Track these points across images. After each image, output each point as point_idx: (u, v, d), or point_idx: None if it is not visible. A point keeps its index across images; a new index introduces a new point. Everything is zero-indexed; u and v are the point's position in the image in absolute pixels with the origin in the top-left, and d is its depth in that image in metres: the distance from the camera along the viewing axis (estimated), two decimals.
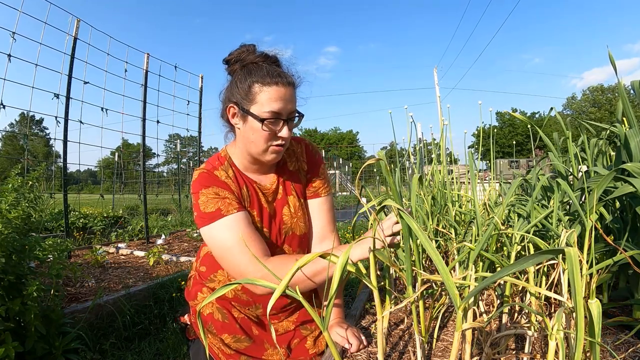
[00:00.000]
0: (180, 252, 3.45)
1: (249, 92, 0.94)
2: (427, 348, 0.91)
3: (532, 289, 0.74)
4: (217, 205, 0.93)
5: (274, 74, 0.94)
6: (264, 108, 0.92)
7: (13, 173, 1.52)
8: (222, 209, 0.93)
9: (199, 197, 0.95)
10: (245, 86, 0.94)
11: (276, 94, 0.92)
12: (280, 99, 0.93)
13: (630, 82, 1.12)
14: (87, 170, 22.46)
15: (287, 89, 0.94)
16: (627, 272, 1.09)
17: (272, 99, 0.92)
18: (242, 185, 1.03)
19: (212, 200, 0.94)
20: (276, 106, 0.92)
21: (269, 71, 0.94)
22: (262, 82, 0.93)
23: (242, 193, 1.01)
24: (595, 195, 0.86)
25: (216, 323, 1.05)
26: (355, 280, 2.60)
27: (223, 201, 0.94)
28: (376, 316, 0.79)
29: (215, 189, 0.96)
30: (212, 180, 0.97)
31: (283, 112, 0.94)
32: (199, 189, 0.96)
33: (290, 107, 0.95)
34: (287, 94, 0.94)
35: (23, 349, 1.27)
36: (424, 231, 0.72)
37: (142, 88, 3.97)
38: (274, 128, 0.94)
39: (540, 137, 1.31)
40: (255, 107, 0.93)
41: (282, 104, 0.93)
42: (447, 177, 1.54)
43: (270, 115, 0.92)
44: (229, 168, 1.03)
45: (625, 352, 0.85)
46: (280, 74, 0.95)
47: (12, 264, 1.30)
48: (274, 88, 0.92)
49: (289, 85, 0.95)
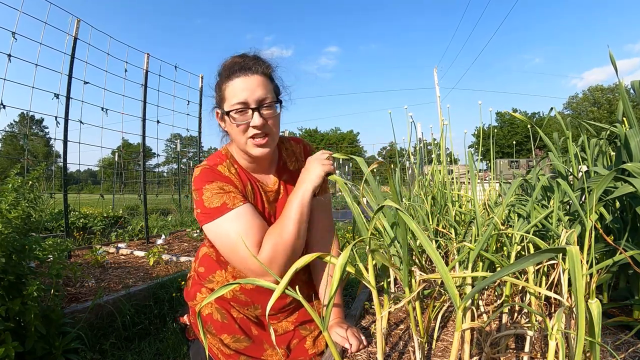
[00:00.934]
0: (180, 252, 3.45)
1: (220, 93, 0.99)
2: (427, 348, 0.91)
3: (532, 289, 0.74)
4: (223, 199, 0.93)
5: (235, 68, 0.96)
6: (230, 101, 0.95)
7: (13, 173, 1.52)
8: (228, 202, 0.93)
9: (203, 193, 0.95)
10: (217, 88, 1.00)
11: (239, 84, 0.94)
12: (244, 88, 0.94)
13: (631, 82, 1.12)
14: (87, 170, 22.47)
15: (250, 77, 0.95)
16: (627, 272, 1.09)
17: (235, 89, 0.94)
18: (245, 183, 1.03)
19: (217, 195, 0.93)
20: (241, 95, 0.93)
21: (231, 67, 0.97)
22: (226, 79, 0.97)
23: (246, 190, 1.01)
24: (595, 195, 0.86)
25: (215, 323, 1.05)
26: (356, 280, 2.60)
27: (228, 195, 0.94)
28: (376, 316, 0.79)
29: (219, 183, 0.96)
30: (215, 175, 0.97)
31: (249, 100, 0.94)
32: (202, 185, 0.96)
33: (258, 94, 0.94)
34: (252, 83, 0.95)
35: (23, 349, 1.27)
36: (424, 231, 0.72)
37: (142, 88, 3.97)
38: (242, 119, 0.95)
39: (540, 137, 1.31)
40: (226, 104, 0.96)
41: (247, 92, 0.94)
42: (447, 177, 1.54)
43: (236, 107, 0.94)
44: (231, 165, 1.03)
45: (625, 352, 0.85)
46: (244, 66, 0.96)
47: (12, 264, 1.30)
48: (235, 80, 0.95)
49: (254, 74, 0.96)
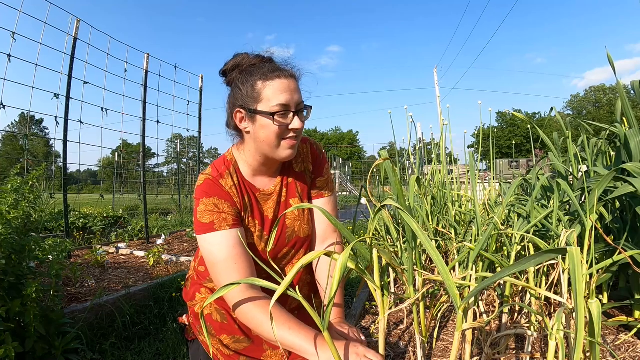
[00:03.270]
0: (180, 252, 3.45)
1: (253, 92, 0.94)
2: (427, 348, 0.91)
3: (532, 290, 0.74)
4: (212, 218, 0.94)
5: (274, 68, 0.95)
6: (271, 102, 0.92)
7: (13, 173, 1.52)
8: (216, 223, 0.93)
9: (199, 205, 0.96)
10: (249, 87, 0.94)
11: (281, 86, 0.93)
12: (286, 90, 0.93)
13: (630, 82, 1.12)
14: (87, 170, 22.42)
15: (290, 80, 0.94)
16: (627, 272, 1.09)
17: (278, 91, 0.92)
18: (244, 194, 1.02)
19: (208, 212, 0.94)
20: (283, 98, 0.92)
21: (269, 67, 0.95)
22: (264, 78, 0.93)
23: (243, 202, 1.01)
24: (595, 195, 0.86)
25: (215, 324, 1.05)
26: (355, 280, 2.60)
27: (219, 215, 0.94)
28: (376, 316, 0.79)
29: (216, 200, 0.95)
30: (215, 189, 0.97)
31: (291, 103, 0.93)
32: (201, 196, 0.97)
33: (297, 97, 0.95)
34: (292, 85, 0.94)
35: (23, 349, 1.27)
36: (424, 231, 0.72)
37: (142, 88, 3.97)
38: (285, 121, 0.94)
39: (540, 138, 1.31)
40: (263, 104, 0.93)
41: (289, 95, 0.93)
42: (447, 177, 1.54)
43: (279, 108, 0.92)
44: (234, 174, 1.02)
45: (625, 352, 0.85)
46: (280, 67, 0.96)
47: (12, 264, 1.30)
48: (277, 81, 0.93)
49: (292, 77, 0.95)
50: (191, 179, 9.66)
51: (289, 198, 1.08)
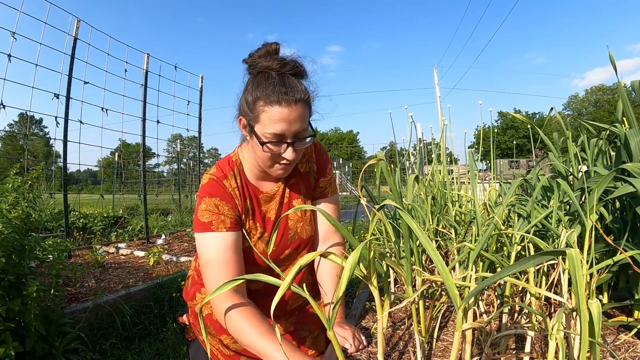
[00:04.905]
0: (180, 252, 3.45)
1: (253, 109, 0.88)
2: (427, 348, 0.91)
3: (532, 290, 0.74)
4: (211, 218, 0.93)
5: (280, 91, 0.85)
6: (266, 129, 0.87)
7: (12, 173, 1.52)
8: (213, 223, 0.93)
9: (200, 204, 0.96)
10: (251, 101, 0.89)
11: (279, 115, 0.85)
12: (283, 120, 0.86)
13: (631, 82, 1.12)
14: (87, 170, 22.48)
15: (292, 108, 0.86)
16: (627, 272, 1.09)
17: (273, 120, 0.86)
18: (246, 197, 1.02)
19: (208, 212, 0.94)
20: (279, 128, 0.86)
21: (275, 88, 0.86)
22: (265, 100, 0.86)
23: (245, 205, 1.01)
24: (595, 195, 0.86)
25: (215, 324, 1.05)
26: (356, 280, 2.60)
27: (217, 217, 0.93)
28: (376, 316, 0.79)
29: (218, 200, 0.95)
30: (218, 190, 0.97)
31: (287, 133, 0.88)
32: (204, 195, 0.96)
33: (295, 127, 0.88)
34: (292, 114, 0.86)
35: (23, 349, 1.27)
36: (424, 231, 0.72)
37: (142, 88, 3.97)
38: (276, 150, 0.90)
39: (540, 138, 1.31)
40: (259, 127, 0.88)
41: (286, 125, 0.86)
42: (447, 177, 1.54)
43: (271, 138, 0.87)
44: (237, 175, 1.01)
45: (625, 352, 0.85)
46: (288, 91, 0.86)
47: (12, 264, 1.30)
48: (276, 109, 0.85)
49: (297, 104, 0.86)
50: (191, 179, 9.67)
51: (292, 199, 1.08)
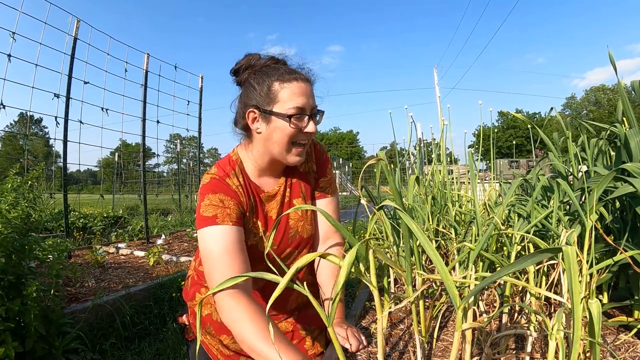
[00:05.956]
0: (180, 252, 3.45)
1: (269, 92, 0.94)
2: (427, 348, 0.91)
3: (532, 289, 0.74)
4: (216, 211, 0.92)
5: (291, 71, 0.96)
6: (287, 104, 0.93)
7: (12, 173, 1.52)
8: (219, 217, 0.92)
9: (203, 200, 0.95)
10: (265, 87, 0.94)
11: (298, 89, 0.93)
12: (302, 93, 0.94)
13: (631, 82, 1.12)
14: (87, 170, 22.45)
15: (306, 84, 0.96)
16: (627, 272, 1.09)
17: (295, 94, 0.93)
18: (249, 195, 1.02)
19: (213, 206, 0.93)
20: (300, 101, 0.93)
21: (286, 69, 0.96)
22: (281, 80, 0.94)
23: (249, 203, 1.00)
24: (595, 195, 0.86)
25: (215, 324, 1.05)
26: (356, 280, 2.60)
27: (223, 210, 0.93)
28: (376, 316, 0.79)
29: (222, 196, 0.95)
30: (222, 187, 0.96)
31: (307, 106, 0.94)
32: (206, 192, 0.96)
33: (312, 102, 0.96)
34: (309, 89, 0.96)
35: (23, 349, 1.27)
36: (424, 231, 0.72)
37: (142, 88, 3.96)
38: (300, 124, 0.94)
39: (540, 138, 1.31)
40: (279, 106, 0.93)
41: (305, 98, 0.94)
42: (447, 177, 1.54)
43: (295, 111, 0.93)
44: (239, 174, 1.01)
45: (625, 352, 0.85)
46: (297, 70, 0.97)
47: (12, 264, 1.30)
48: (294, 84, 0.93)
49: (307, 81, 0.97)
50: (191, 179, 9.66)
51: (293, 198, 1.08)
